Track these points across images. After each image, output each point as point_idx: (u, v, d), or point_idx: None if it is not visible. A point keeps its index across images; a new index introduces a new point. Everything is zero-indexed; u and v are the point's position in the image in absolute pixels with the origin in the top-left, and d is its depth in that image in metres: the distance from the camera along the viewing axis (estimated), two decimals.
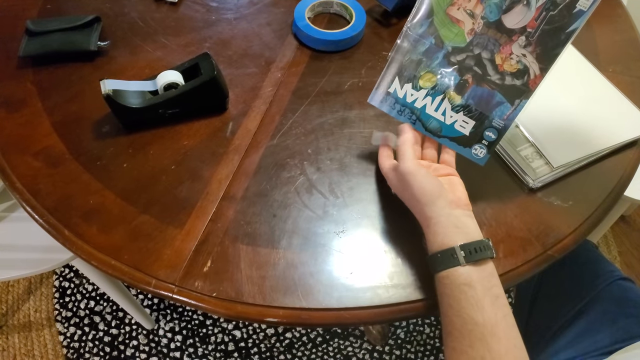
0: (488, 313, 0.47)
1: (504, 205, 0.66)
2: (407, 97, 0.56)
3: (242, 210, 0.63)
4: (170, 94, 0.68)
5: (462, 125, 0.57)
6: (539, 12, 0.48)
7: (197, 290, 0.57)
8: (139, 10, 0.86)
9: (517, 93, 0.54)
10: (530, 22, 0.49)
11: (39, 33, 0.76)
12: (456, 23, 0.50)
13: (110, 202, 0.63)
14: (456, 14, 0.49)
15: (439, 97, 0.55)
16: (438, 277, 0.52)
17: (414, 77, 0.55)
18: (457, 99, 0.55)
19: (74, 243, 0.60)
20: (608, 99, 0.76)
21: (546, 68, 0.51)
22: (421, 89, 0.55)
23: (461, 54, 0.52)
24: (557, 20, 0.48)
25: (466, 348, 0.47)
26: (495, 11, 0.49)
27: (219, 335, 1.35)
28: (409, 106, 0.57)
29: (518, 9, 0.48)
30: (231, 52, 0.82)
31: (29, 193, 0.63)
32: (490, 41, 0.51)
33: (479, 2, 0.48)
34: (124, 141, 0.69)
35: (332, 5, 0.88)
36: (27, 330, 1.35)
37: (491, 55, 0.52)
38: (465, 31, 0.51)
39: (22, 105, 0.72)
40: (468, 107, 0.56)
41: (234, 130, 0.72)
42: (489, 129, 0.57)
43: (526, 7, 0.48)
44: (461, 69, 0.53)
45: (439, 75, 0.54)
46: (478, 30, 0.50)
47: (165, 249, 0.59)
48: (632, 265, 1.54)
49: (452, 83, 0.54)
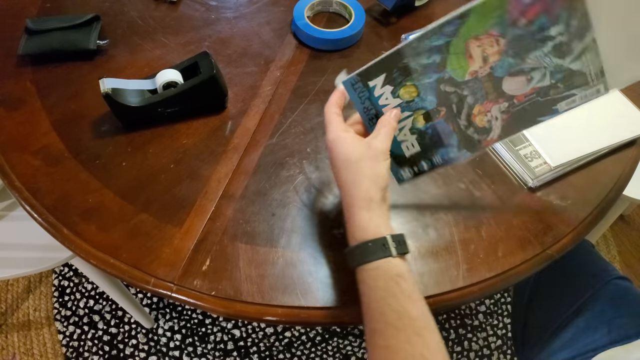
0: (420, 306, 0.45)
1: (503, 204, 0.66)
2: (380, 99, 0.55)
3: (241, 209, 0.63)
4: (170, 93, 0.68)
5: (408, 146, 0.57)
6: (532, 92, 0.49)
7: (196, 289, 0.57)
8: (138, 9, 0.86)
9: (469, 145, 0.54)
10: (520, 95, 0.49)
11: (39, 32, 0.76)
12: (467, 58, 0.50)
13: (109, 201, 0.63)
14: (474, 50, 0.49)
15: (407, 113, 0.54)
16: (365, 269, 0.47)
17: (399, 83, 0.54)
18: (421, 123, 0.55)
19: (73, 242, 0.60)
20: (607, 98, 0.76)
21: (503, 137, 0.52)
22: (397, 98, 0.54)
23: (451, 87, 0.52)
24: (537, 107, 0.49)
25: (403, 345, 0.43)
26: (504, 69, 0.49)
27: (218, 334, 1.35)
28: (376, 106, 0.55)
29: (521, 79, 0.49)
30: (230, 51, 0.82)
31: (28, 192, 0.63)
32: (481, 91, 0.51)
33: (500, 53, 0.48)
34: (123, 140, 0.69)
35: (332, 4, 0.88)
36: (26, 329, 1.35)
37: (473, 103, 0.52)
38: (469, 70, 0.50)
39: (21, 103, 0.72)
40: (423, 134, 0.55)
41: (233, 129, 0.72)
42: (427, 161, 0.57)
43: (526, 82, 0.49)
44: (442, 99, 0.52)
45: (421, 93, 0.53)
46: (480, 75, 0.50)
47: (164, 248, 0.59)
48: (631, 264, 1.54)
49: (426, 107, 0.53)
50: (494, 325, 1.40)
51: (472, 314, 1.41)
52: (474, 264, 0.60)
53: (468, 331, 1.38)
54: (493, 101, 0.51)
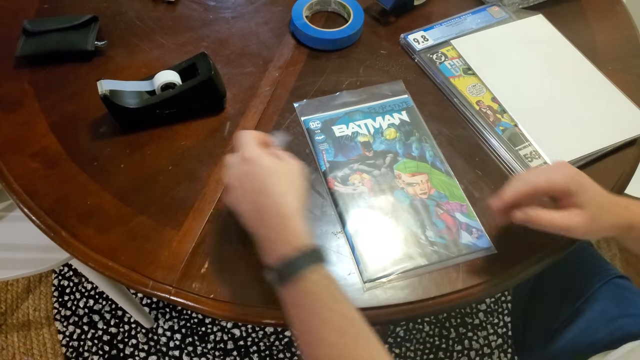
0: (353, 307, 0.45)
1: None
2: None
3: None
4: (168, 94, 0.67)
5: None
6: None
7: (194, 292, 0.56)
8: (136, 10, 0.86)
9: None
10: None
11: (36, 33, 0.76)
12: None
13: (107, 203, 0.63)
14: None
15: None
16: (302, 278, 0.45)
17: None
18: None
19: (71, 244, 0.60)
20: (607, 97, 0.76)
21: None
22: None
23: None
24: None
25: (353, 351, 0.43)
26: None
27: (218, 334, 1.35)
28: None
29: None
30: (228, 51, 0.81)
31: (25, 194, 0.63)
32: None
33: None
34: (121, 142, 0.69)
35: (330, 4, 0.88)
36: (26, 329, 1.35)
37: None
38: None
39: (18, 105, 0.72)
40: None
41: (231, 130, 0.71)
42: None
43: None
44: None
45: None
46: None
47: (163, 250, 0.59)
48: (632, 262, 1.53)
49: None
50: (494, 323, 1.40)
51: (473, 313, 1.41)
52: (473, 266, 0.60)
53: (468, 330, 1.38)
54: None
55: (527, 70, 0.80)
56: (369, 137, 0.70)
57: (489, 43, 0.83)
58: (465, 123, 0.74)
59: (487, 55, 0.81)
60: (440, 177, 0.67)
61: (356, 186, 0.65)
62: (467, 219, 0.63)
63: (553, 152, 0.69)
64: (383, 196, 0.65)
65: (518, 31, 0.85)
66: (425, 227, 0.62)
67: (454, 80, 0.77)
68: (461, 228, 0.62)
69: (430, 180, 0.66)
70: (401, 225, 0.62)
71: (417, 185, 0.66)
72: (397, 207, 0.64)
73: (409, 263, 0.59)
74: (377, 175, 0.67)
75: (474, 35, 0.84)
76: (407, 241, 0.61)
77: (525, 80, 0.78)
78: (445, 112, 0.75)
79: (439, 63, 0.80)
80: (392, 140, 0.70)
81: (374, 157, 0.68)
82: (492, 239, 0.62)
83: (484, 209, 0.65)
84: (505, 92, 0.76)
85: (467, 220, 0.63)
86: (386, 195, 0.65)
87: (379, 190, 0.65)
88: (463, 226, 0.62)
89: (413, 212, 0.63)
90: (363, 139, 0.70)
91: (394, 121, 0.72)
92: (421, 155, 0.69)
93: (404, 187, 0.66)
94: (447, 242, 0.61)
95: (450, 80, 0.77)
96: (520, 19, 0.87)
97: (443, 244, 0.61)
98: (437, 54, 0.81)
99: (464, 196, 0.65)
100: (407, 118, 0.73)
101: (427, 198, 0.65)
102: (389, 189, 0.65)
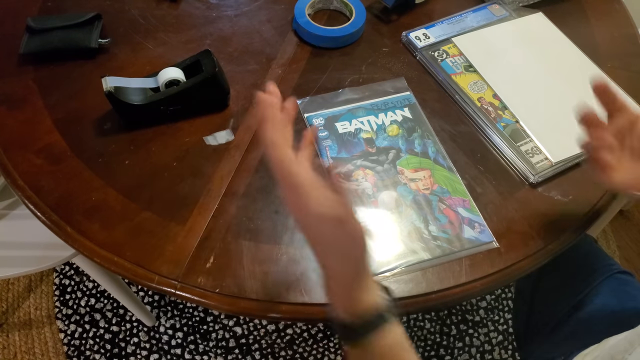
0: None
1: (505, 200, 0.66)
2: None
3: (244, 207, 0.64)
4: (172, 91, 0.68)
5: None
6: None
7: (200, 287, 0.57)
8: (139, 8, 0.86)
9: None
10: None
11: (40, 30, 0.76)
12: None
13: (112, 199, 0.63)
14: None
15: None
16: (375, 337, 0.42)
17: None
18: None
19: (76, 240, 0.60)
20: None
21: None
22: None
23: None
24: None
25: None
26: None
27: (220, 332, 1.35)
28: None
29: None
30: (232, 48, 0.82)
31: (31, 190, 0.63)
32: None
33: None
34: (126, 138, 0.69)
35: (332, 2, 0.88)
36: (27, 327, 1.35)
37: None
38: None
39: (23, 102, 0.72)
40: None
41: (235, 127, 0.72)
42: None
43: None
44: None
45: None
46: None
47: (168, 246, 0.60)
48: (631, 259, 1.54)
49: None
50: (495, 320, 1.40)
51: (474, 310, 1.42)
52: (476, 260, 0.60)
53: (469, 327, 1.39)
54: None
55: (527, 67, 0.80)
56: (372, 134, 0.71)
57: (490, 40, 0.84)
58: (467, 119, 0.75)
59: (488, 53, 0.81)
60: (443, 173, 0.67)
61: (360, 182, 0.66)
62: (469, 213, 0.64)
63: (553, 148, 0.69)
64: (386, 192, 0.65)
65: (518, 29, 0.86)
66: (428, 222, 0.63)
67: (455, 78, 0.78)
68: (464, 223, 0.63)
69: (432, 175, 0.67)
70: (404, 220, 0.63)
71: (419, 181, 0.66)
72: (400, 202, 0.64)
73: (412, 257, 0.60)
74: (380, 171, 0.67)
75: (475, 32, 0.85)
76: (410, 236, 0.61)
77: (525, 77, 0.79)
78: (447, 109, 0.76)
79: (440, 60, 0.80)
80: (394, 136, 0.71)
81: (377, 153, 0.69)
82: (494, 234, 0.62)
83: (486, 203, 0.65)
84: (506, 89, 0.76)
85: (470, 215, 0.64)
86: (389, 191, 0.65)
87: (382, 185, 0.66)
88: (466, 221, 0.63)
89: (416, 207, 0.64)
90: (366, 136, 0.71)
91: (397, 118, 0.73)
92: (424, 151, 0.70)
93: (407, 183, 0.66)
94: (450, 236, 0.62)
95: (452, 77, 0.78)
96: (520, 17, 0.88)
97: (446, 238, 0.61)
98: (438, 52, 0.81)
99: (466, 191, 0.66)
100: (409, 115, 0.74)
101: (429, 193, 0.65)
102: (392, 184, 0.66)
